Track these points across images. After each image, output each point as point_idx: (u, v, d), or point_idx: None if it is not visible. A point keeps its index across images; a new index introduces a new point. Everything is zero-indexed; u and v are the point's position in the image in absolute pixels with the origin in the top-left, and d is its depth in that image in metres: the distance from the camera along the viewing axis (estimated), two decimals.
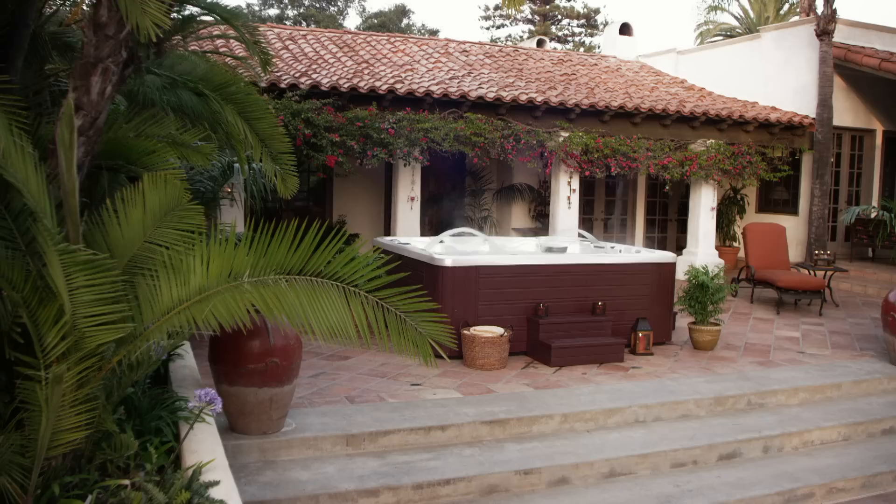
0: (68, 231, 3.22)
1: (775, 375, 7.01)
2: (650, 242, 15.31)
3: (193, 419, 3.65)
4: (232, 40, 9.77)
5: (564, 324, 7.46)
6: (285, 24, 32.00)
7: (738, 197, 14.72)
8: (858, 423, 6.28)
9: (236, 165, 6.39)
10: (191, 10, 6.12)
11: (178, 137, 4.68)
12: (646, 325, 7.76)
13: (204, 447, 3.88)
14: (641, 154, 12.13)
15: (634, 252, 8.72)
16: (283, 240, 3.16)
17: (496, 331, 7.07)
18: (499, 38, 34.44)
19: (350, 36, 15.43)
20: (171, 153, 4.29)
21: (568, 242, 9.74)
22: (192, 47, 10.24)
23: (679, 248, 15.16)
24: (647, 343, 7.74)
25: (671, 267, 8.21)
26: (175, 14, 5.06)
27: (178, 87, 5.40)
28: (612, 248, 9.12)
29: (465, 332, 7.07)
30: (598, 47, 33.96)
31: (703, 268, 7.95)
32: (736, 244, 14.84)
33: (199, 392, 3.56)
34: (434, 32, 36.34)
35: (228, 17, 5.75)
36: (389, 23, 34.02)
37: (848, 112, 14.14)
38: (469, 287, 7.30)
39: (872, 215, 8.13)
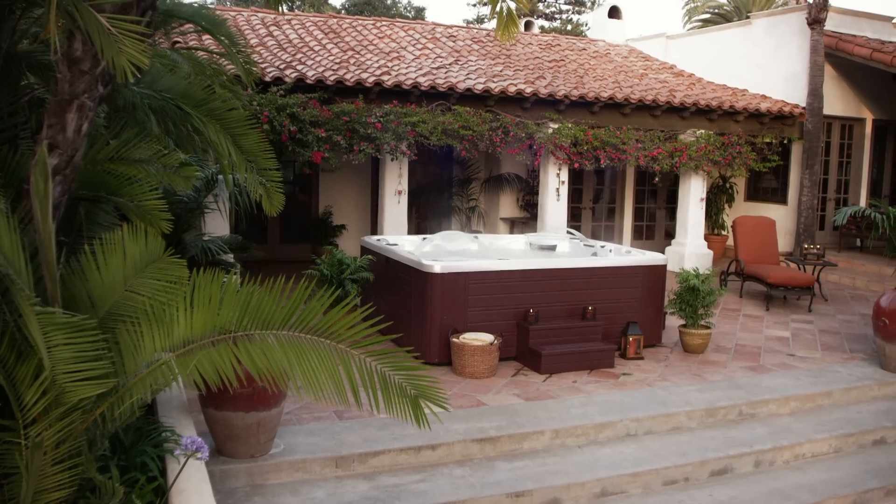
0: (45, 283, 3.10)
1: (766, 383, 6.99)
2: (639, 231, 15.26)
3: (181, 467, 3.56)
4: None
5: (554, 329, 7.39)
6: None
7: (728, 185, 14.67)
8: (849, 435, 6.27)
9: (221, 176, 6.25)
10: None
11: (161, 160, 4.53)
12: (636, 330, 7.70)
13: (192, 485, 3.79)
14: (631, 146, 12.03)
15: (625, 252, 8.65)
16: (272, 292, 3.05)
17: (486, 338, 6.99)
18: (485, 16, 34.03)
19: (336, 20, 15.16)
20: (153, 182, 4.14)
21: (557, 240, 9.64)
22: (176, 39, 10.00)
23: (668, 235, 15.12)
24: (637, 347, 7.70)
25: (662, 269, 8.14)
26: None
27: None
28: (602, 247, 9.03)
29: (455, 339, 6.99)
30: (586, 24, 33.66)
31: (695, 270, 7.89)
32: (724, 233, 14.82)
33: (186, 440, 3.46)
34: (421, 10, 35.87)
35: (210, 27, 5.60)
36: (375, 0, 33.52)
37: (838, 101, 14.06)
38: (458, 293, 7.21)
39: (864, 213, 8.08)
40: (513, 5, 4.16)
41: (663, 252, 13.51)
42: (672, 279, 8.50)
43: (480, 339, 6.98)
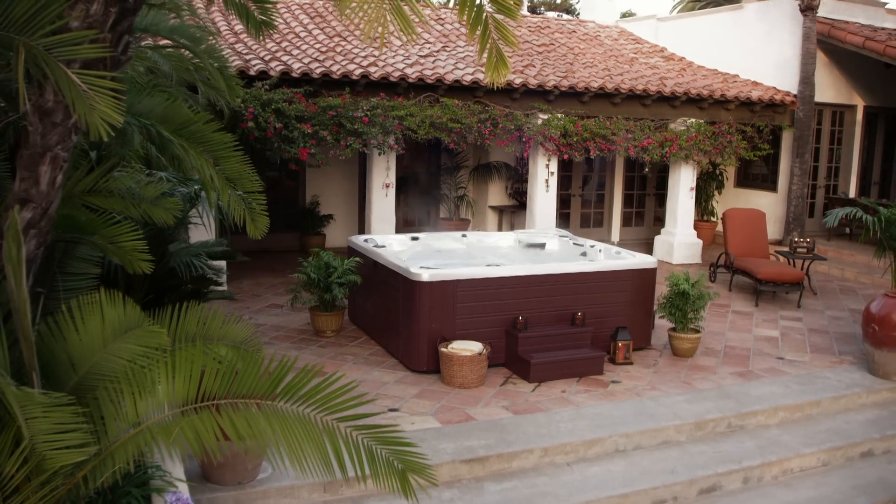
0: (22, 350, 3.01)
1: (755, 391, 6.98)
2: (628, 217, 15.21)
3: None
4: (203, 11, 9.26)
5: (543, 336, 7.34)
6: None
7: (718, 172, 14.60)
8: (837, 448, 6.28)
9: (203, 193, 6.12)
10: None
11: (141, 191, 4.41)
12: (625, 335, 7.67)
13: None
14: (621, 137, 11.91)
15: (614, 254, 8.58)
16: (256, 361, 2.97)
17: (474, 348, 6.94)
18: None
19: (321, 3, 14.87)
20: (130, 222, 4.03)
21: (547, 238, 9.57)
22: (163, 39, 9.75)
23: (658, 220, 15.09)
24: (626, 352, 7.67)
25: (652, 272, 8.09)
26: None
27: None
28: (592, 246, 8.97)
29: (443, 349, 6.93)
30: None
31: (685, 274, 7.84)
32: (714, 219, 14.78)
33: (170, 497, 3.41)
34: None
35: (190, 44, 5.44)
36: None
37: (829, 87, 13.96)
38: (447, 301, 7.15)
39: (856, 215, 8.03)
40: (509, 55, 4.03)
41: (653, 240, 13.52)
42: (663, 274, 8.45)
43: (469, 348, 6.93)
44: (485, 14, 4.03)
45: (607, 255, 8.59)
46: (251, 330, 4.23)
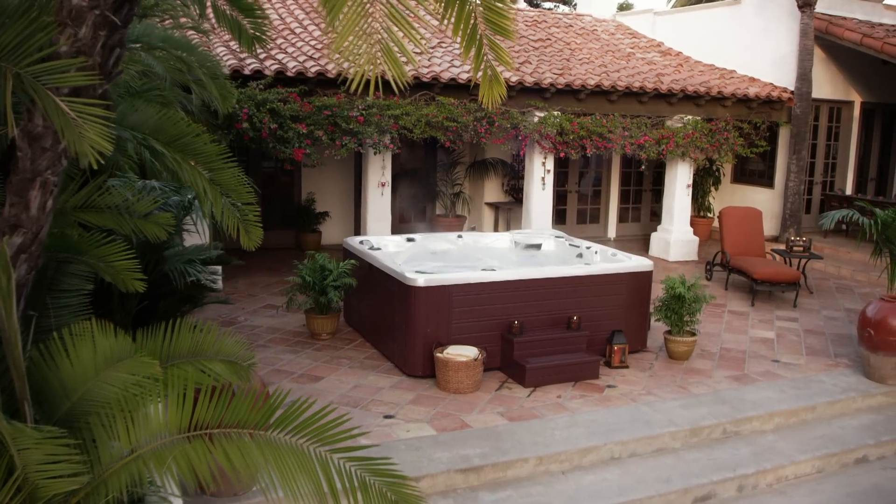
0: (13, 380, 2.99)
1: (750, 396, 6.98)
2: (625, 213, 15.19)
3: None
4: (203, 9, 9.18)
5: (539, 341, 7.33)
6: None
7: (714, 168, 14.58)
8: (832, 455, 6.29)
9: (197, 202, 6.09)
10: None
11: (134, 205, 4.39)
12: (621, 338, 7.67)
13: None
14: (617, 134, 11.88)
15: (610, 255, 8.57)
16: (250, 391, 2.96)
17: (470, 353, 6.93)
18: None
19: None
20: (122, 241, 4.00)
21: (543, 238, 9.55)
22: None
23: (654, 215, 15.07)
24: (622, 355, 7.67)
25: (648, 275, 8.07)
26: None
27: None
28: (588, 248, 8.95)
29: (438, 354, 6.92)
30: None
31: (681, 277, 7.83)
32: (710, 215, 14.77)
33: None
34: None
35: (183, 52, 5.40)
36: None
37: (827, 83, 13.92)
38: (442, 306, 7.13)
39: (853, 218, 8.03)
40: (504, 74, 3.96)
41: (649, 237, 13.51)
42: (659, 271, 8.43)
43: (464, 353, 6.92)
44: (479, 34, 4.00)
45: (603, 258, 8.58)
46: (245, 345, 4.22)
